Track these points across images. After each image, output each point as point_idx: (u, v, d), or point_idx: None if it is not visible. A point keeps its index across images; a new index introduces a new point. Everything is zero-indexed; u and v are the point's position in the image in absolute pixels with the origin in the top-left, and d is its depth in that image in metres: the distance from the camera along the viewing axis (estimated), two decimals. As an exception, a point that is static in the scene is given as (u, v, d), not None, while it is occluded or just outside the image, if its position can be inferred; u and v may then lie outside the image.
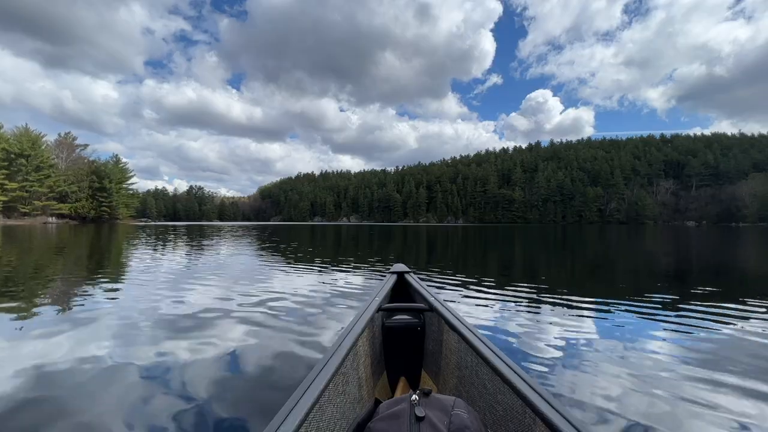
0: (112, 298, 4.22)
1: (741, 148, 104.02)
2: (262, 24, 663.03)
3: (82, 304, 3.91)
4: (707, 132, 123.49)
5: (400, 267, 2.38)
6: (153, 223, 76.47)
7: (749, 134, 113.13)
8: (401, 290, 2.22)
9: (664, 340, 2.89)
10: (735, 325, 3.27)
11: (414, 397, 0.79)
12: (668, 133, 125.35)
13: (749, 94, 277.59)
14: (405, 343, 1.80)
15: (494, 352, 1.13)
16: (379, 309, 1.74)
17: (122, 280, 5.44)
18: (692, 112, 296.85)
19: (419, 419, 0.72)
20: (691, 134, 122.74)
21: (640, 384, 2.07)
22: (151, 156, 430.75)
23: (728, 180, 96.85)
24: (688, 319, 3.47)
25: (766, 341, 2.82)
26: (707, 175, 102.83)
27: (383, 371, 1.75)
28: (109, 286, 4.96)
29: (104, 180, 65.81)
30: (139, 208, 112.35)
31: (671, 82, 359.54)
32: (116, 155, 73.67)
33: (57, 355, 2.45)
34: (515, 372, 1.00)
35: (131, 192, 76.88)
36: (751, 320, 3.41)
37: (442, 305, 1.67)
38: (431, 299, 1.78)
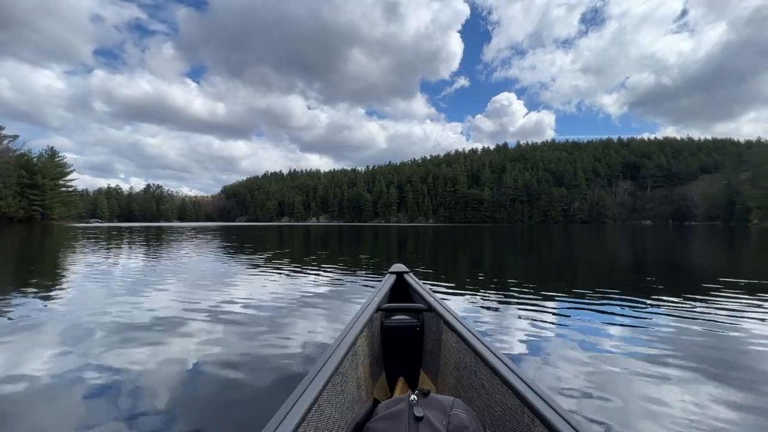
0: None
1: (690, 151, 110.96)
2: (222, 15, 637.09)
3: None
4: (660, 137, 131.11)
5: (399, 267, 2.34)
6: (98, 224, 69.15)
7: (696, 139, 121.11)
8: (400, 290, 2.21)
9: (638, 329, 3.14)
10: (686, 317, 3.51)
11: (413, 397, 0.78)
12: (625, 137, 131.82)
13: (691, 103, 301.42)
14: (404, 344, 1.80)
15: (493, 353, 1.13)
16: (378, 309, 1.74)
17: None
18: (642, 118, 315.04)
19: (418, 419, 0.72)
20: (645, 138, 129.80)
21: (610, 375, 2.17)
22: (104, 152, 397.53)
23: (679, 181, 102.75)
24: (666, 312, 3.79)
25: (707, 330, 3.12)
26: (660, 177, 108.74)
27: (382, 371, 1.75)
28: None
29: (36, 176, 58.58)
30: (90, 208, 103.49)
31: (624, 89, 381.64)
32: (51, 148, 65.85)
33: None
34: (514, 372, 1.00)
35: (70, 190, 69.27)
36: (696, 312, 3.69)
37: (441, 305, 1.67)
38: (430, 299, 1.78)
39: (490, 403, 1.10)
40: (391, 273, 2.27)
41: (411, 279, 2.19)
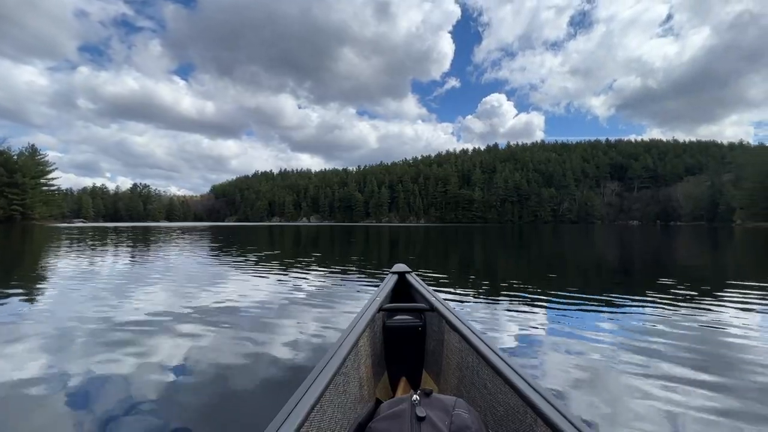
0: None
1: (675, 153, 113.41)
2: (211, 12, 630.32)
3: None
4: (646, 138, 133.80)
5: (401, 267, 2.34)
6: (82, 224, 67.20)
7: (681, 141, 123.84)
8: (402, 290, 2.21)
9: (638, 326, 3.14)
10: (684, 315, 3.54)
11: (415, 397, 0.79)
12: (612, 138, 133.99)
13: (676, 106, 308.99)
14: (406, 344, 1.80)
15: (495, 352, 1.13)
16: (380, 309, 1.74)
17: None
18: (628, 120, 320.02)
19: (420, 419, 0.72)
20: (632, 140, 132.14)
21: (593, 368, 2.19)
22: (89, 151, 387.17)
23: (665, 182, 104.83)
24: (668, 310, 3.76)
25: (691, 324, 3.21)
26: (647, 178, 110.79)
27: (384, 371, 1.75)
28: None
29: (16, 174, 56.72)
30: (74, 208, 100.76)
31: (611, 91, 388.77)
32: (32, 146, 63.81)
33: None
34: (516, 372, 0.99)
35: (53, 189, 67.28)
36: (681, 308, 3.78)
37: (444, 305, 1.67)
38: (432, 299, 1.78)
39: (492, 403, 1.10)
40: (393, 273, 2.25)
41: (413, 279, 2.18)
